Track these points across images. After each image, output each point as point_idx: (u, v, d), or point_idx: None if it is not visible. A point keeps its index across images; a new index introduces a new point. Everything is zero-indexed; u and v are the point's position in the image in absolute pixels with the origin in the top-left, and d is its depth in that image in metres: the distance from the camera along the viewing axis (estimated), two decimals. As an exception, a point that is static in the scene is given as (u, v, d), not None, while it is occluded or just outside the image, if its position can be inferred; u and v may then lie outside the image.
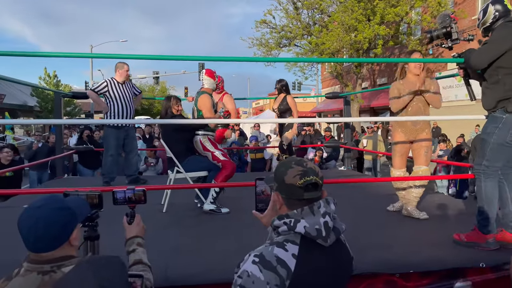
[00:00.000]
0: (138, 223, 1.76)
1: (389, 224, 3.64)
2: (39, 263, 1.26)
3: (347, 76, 20.66)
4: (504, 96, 2.74)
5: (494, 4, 2.85)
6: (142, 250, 1.67)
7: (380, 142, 9.43)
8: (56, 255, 1.27)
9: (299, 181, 1.29)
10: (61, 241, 1.28)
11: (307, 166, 1.33)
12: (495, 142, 2.78)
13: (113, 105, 5.18)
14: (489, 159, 2.82)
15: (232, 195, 4.56)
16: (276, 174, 1.37)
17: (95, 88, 5.28)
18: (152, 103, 38.22)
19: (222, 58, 3.86)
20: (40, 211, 1.28)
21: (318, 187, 1.32)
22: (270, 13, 17.54)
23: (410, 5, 15.10)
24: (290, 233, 1.28)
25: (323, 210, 1.29)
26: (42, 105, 24.91)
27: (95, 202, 1.73)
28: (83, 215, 1.45)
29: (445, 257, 2.70)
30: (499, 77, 2.77)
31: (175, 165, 4.15)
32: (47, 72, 25.55)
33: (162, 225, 3.57)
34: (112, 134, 5.22)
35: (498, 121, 2.78)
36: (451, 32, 3.25)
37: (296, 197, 1.31)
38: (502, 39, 2.72)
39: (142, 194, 1.81)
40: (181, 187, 4.27)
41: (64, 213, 1.30)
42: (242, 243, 3.10)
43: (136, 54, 3.61)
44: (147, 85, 39.81)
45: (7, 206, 5.02)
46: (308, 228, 1.25)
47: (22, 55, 3.44)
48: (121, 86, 5.26)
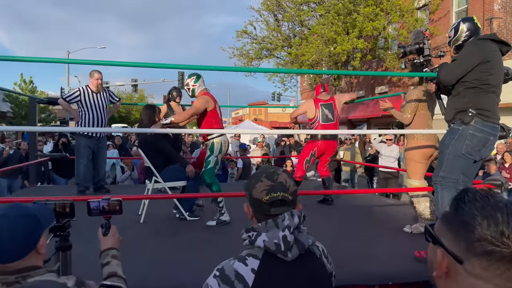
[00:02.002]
0: (113, 235, 1.68)
1: (368, 235, 3.66)
2: (4, 274, 1.19)
3: (326, 88, 20.95)
4: (462, 108, 2.81)
5: (465, 22, 2.95)
6: (116, 262, 1.61)
7: (357, 154, 9.54)
8: (21, 265, 1.21)
9: (265, 197, 1.26)
10: (28, 250, 1.22)
11: (277, 181, 1.28)
12: (451, 153, 2.84)
13: (85, 114, 5.09)
14: (445, 170, 2.87)
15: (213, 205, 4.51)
16: (247, 185, 1.34)
17: (66, 96, 5.18)
18: (129, 111, 37.68)
19: (202, 67, 3.78)
20: (3, 219, 1.21)
21: (287, 203, 1.28)
22: (252, 24, 17.68)
23: (388, 20, 15.51)
24: (254, 247, 1.25)
25: (286, 223, 1.24)
26: (15, 111, 24.19)
27: (66, 211, 1.65)
28: (49, 222, 1.39)
29: (425, 268, 2.72)
30: (459, 89, 2.85)
31: (153, 175, 4.08)
32: (23, 78, 24.92)
33: (139, 235, 3.48)
34: (82, 143, 5.13)
35: (455, 132, 2.85)
36: (424, 48, 3.36)
37: (263, 212, 1.28)
38: (470, 56, 2.78)
39: (118, 204, 1.73)
40: (159, 197, 4.20)
41: (29, 220, 1.24)
42: (221, 253, 3.05)
43: (115, 61, 3.48)
44: (125, 92, 39.27)
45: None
46: (267, 242, 1.21)
47: None
48: (95, 95, 5.16)
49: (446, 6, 15.19)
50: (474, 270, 0.69)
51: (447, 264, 0.73)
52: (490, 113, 2.78)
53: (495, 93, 2.82)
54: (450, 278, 0.73)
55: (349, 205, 5.02)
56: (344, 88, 19.94)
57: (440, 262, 0.74)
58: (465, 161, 2.82)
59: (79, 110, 5.14)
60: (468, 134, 2.78)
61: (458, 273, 0.71)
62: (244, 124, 20.62)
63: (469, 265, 0.69)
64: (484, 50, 2.76)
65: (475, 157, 2.84)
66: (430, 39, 3.42)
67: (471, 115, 2.76)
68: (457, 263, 0.70)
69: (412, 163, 3.74)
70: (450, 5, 15.19)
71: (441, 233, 0.75)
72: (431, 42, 3.43)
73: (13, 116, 24.47)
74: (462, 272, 0.70)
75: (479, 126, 2.77)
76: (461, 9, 14.78)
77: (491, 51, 2.77)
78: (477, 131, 2.77)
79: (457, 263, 0.70)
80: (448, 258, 0.72)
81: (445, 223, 0.76)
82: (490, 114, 2.77)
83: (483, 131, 2.78)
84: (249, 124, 19.93)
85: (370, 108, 18.61)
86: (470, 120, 2.77)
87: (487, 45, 2.79)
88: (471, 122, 2.77)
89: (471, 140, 2.78)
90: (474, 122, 2.77)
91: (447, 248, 0.72)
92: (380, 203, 5.32)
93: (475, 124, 2.77)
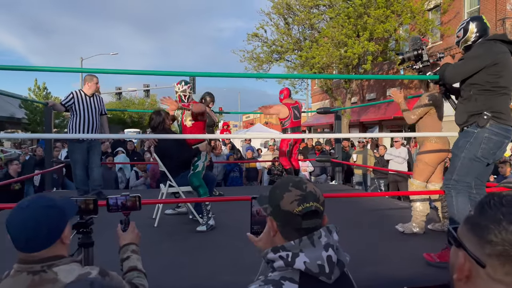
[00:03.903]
0: (132, 230, 1.72)
1: (381, 239, 3.65)
2: (30, 263, 1.23)
3: (337, 91, 20.85)
4: (476, 111, 2.78)
5: (474, 22, 2.91)
6: (136, 257, 1.64)
7: (370, 156, 9.49)
8: (47, 254, 1.25)
9: (296, 208, 1.12)
10: (53, 239, 1.26)
11: (307, 190, 1.15)
12: (466, 157, 2.80)
13: (77, 116, 5.05)
14: (459, 173, 2.83)
15: (226, 208, 4.55)
16: (271, 196, 1.19)
17: (62, 100, 5.16)
18: (142, 116, 38.01)
19: (213, 74, 3.85)
20: (28, 210, 1.25)
21: (319, 215, 1.15)
22: (263, 27, 17.73)
23: (399, 22, 15.41)
24: (288, 269, 1.09)
25: (325, 241, 1.10)
26: (30, 118, 24.60)
27: (90, 207, 1.69)
28: (72, 212, 1.42)
29: (438, 272, 2.71)
30: (471, 93, 2.82)
31: (168, 179, 4.13)
32: (37, 84, 25.33)
33: (153, 239, 3.53)
34: (75, 149, 5.11)
35: (470, 135, 2.81)
36: (422, 54, 3.36)
37: (293, 226, 1.13)
38: (477, 57, 2.77)
39: (136, 200, 1.77)
40: (173, 201, 4.24)
41: (53, 210, 1.28)
42: (234, 258, 3.09)
43: (128, 70, 3.59)
44: (137, 98, 39.66)
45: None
46: (309, 264, 1.06)
47: (12, 69, 3.39)
48: (89, 98, 5.14)
49: (458, 6, 15.05)
50: (496, 274, 0.68)
51: (469, 268, 0.72)
52: (505, 116, 2.75)
53: (508, 95, 2.79)
54: (471, 282, 0.72)
55: (360, 208, 5.00)
56: (355, 90, 19.86)
57: (462, 265, 0.74)
58: (480, 164, 2.80)
59: (71, 114, 5.12)
60: (484, 137, 2.75)
61: (479, 277, 0.71)
62: (255, 127, 20.63)
63: (491, 270, 0.69)
64: (491, 53, 2.73)
65: (489, 160, 2.82)
66: (427, 45, 3.43)
67: (487, 118, 2.74)
68: (479, 267, 0.70)
69: (423, 165, 3.78)
70: (462, 5, 15.05)
71: (464, 236, 0.75)
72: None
73: (28, 122, 24.89)
74: (483, 276, 0.70)
75: (494, 129, 2.75)
76: (473, 10, 14.63)
77: (499, 52, 2.74)
78: (492, 134, 2.75)
79: (479, 267, 0.70)
80: (470, 261, 0.72)
81: (468, 226, 0.75)
82: (504, 117, 2.75)
83: (498, 134, 2.75)
84: (260, 127, 19.94)
85: (382, 110, 18.50)
86: (486, 123, 2.74)
87: (495, 47, 2.76)
88: (487, 125, 2.75)
89: (487, 143, 2.75)
90: (489, 125, 2.75)
91: (469, 251, 0.72)
92: (392, 206, 5.29)
93: (490, 127, 2.75)
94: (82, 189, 5.20)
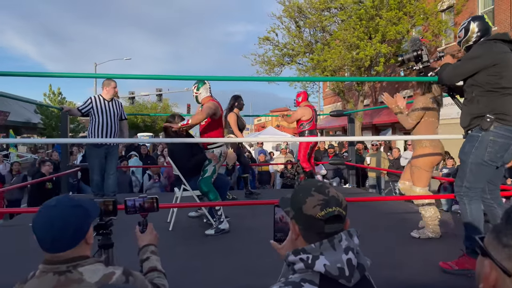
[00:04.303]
0: (151, 232, 1.73)
1: (397, 243, 3.61)
2: (55, 263, 1.24)
3: (349, 93, 20.75)
4: (478, 114, 2.71)
5: (475, 22, 2.84)
6: (156, 257, 1.65)
7: (384, 159, 9.41)
8: (72, 255, 1.26)
9: (319, 212, 1.12)
10: (78, 239, 1.27)
11: (330, 194, 1.16)
12: (473, 162, 2.72)
13: (96, 121, 5.06)
14: (469, 180, 2.75)
15: (240, 212, 4.56)
16: (293, 200, 1.20)
17: (80, 106, 5.20)
18: (154, 120, 38.37)
19: (225, 77, 3.95)
20: (55, 210, 1.26)
21: (341, 219, 1.15)
22: (274, 31, 17.76)
23: (411, 24, 15.28)
24: (308, 272, 1.11)
25: (345, 245, 1.11)
26: (45, 122, 25.01)
27: (110, 209, 1.70)
28: (96, 213, 1.43)
29: (456, 279, 2.67)
30: (473, 95, 2.76)
31: (182, 183, 4.15)
32: (52, 89, 25.75)
33: (168, 243, 3.55)
34: (92, 153, 5.11)
35: (475, 140, 2.73)
36: (422, 55, 3.33)
37: (315, 230, 1.14)
38: (476, 58, 2.71)
39: (154, 201, 1.79)
40: (188, 205, 4.26)
41: (79, 211, 1.29)
42: (248, 262, 3.09)
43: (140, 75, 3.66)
44: (150, 102, 40.06)
45: (12, 225, 5.02)
46: (329, 266, 1.08)
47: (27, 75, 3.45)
48: (108, 103, 5.15)
49: (472, 7, 14.87)
50: None
51: (495, 277, 0.71)
52: (509, 117, 2.67)
53: (511, 95, 2.71)
54: None
55: (375, 211, 4.96)
56: (367, 92, 19.74)
57: (488, 274, 0.73)
58: (489, 168, 2.73)
59: (90, 118, 5.13)
60: (489, 141, 2.68)
61: (505, 286, 0.70)
62: (267, 130, 20.63)
63: None
64: (491, 53, 2.67)
65: (497, 164, 2.74)
66: (427, 46, 3.39)
67: (490, 120, 2.66)
68: (506, 276, 0.69)
69: (419, 171, 3.74)
70: (476, 6, 14.86)
71: (490, 245, 0.74)
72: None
73: (43, 127, 25.31)
74: (510, 285, 0.69)
75: (499, 131, 2.67)
76: (487, 10, 14.44)
77: (500, 53, 2.67)
78: (497, 136, 2.67)
79: (505, 276, 0.69)
80: (497, 270, 0.71)
81: (494, 235, 0.74)
82: (509, 118, 2.67)
83: (504, 136, 2.67)
84: (272, 130, 19.92)
85: (395, 112, 18.31)
86: (489, 126, 2.67)
87: (495, 47, 2.69)
88: (491, 127, 2.67)
89: (493, 146, 2.67)
90: (493, 127, 2.67)
91: (496, 260, 0.71)
92: (408, 209, 5.22)
93: (494, 129, 2.67)
94: (99, 193, 5.22)
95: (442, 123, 3.79)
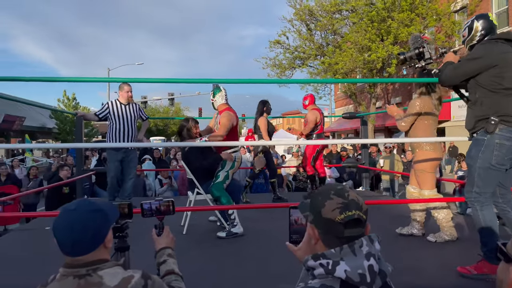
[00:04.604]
0: (167, 235, 1.74)
1: (413, 247, 3.57)
2: (76, 267, 1.25)
3: (361, 96, 20.64)
4: (482, 116, 2.66)
5: (479, 20, 2.79)
6: (173, 260, 1.66)
7: (397, 161, 9.32)
8: (91, 258, 1.27)
9: (338, 216, 1.10)
10: (98, 243, 1.28)
11: (349, 198, 1.14)
12: (481, 167, 2.66)
13: (114, 125, 5.11)
14: (479, 185, 2.69)
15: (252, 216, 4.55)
16: (312, 204, 1.19)
17: (97, 111, 5.25)
18: (167, 124, 38.66)
19: (236, 80, 4.03)
20: (75, 213, 1.28)
21: (361, 223, 1.13)
22: (284, 34, 17.77)
23: (424, 25, 15.15)
24: (328, 277, 1.08)
25: (366, 250, 1.09)
26: (60, 127, 25.39)
27: (125, 211, 1.71)
28: (115, 217, 1.44)
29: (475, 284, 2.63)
30: (476, 96, 2.70)
31: (196, 187, 4.17)
32: (66, 94, 26.14)
33: (182, 247, 3.55)
34: (111, 157, 5.15)
35: (480, 143, 2.67)
36: (424, 52, 3.29)
37: (335, 234, 1.12)
38: (476, 59, 2.67)
39: (170, 204, 1.79)
40: (201, 209, 4.28)
41: (98, 214, 1.30)
42: (262, 266, 3.08)
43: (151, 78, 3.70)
44: (162, 106, 40.39)
45: (28, 228, 5.09)
46: (350, 272, 1.05)
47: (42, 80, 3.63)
48: (124, 107, 5.17)
49: (485, 7, 14.69)
50: None
51: None
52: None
53: None
54: None
55: (390, 215, 4.91)
56: (380, 94, 19.60)
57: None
58: (497, 172, 2.66)
59: (108, 123, 5.17)
60: (495, 144, 2.61)
61: None
62: (278, 134, 20.61)
63: None
64: (492, 54, 2.62)
65: (506, 167, 2.68)
66: (429, 43, 3.36)
67: (494, 123, 2.59)
68: None
69: (424, 174, 3.73)
70: (489, 6, 14.69)
71: None
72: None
73: (58, 131, 25.69)
74: None
75: (505, 134, 2.60)
76: (501, 10, 14.26)
77: (501, 53, 2.62)
78: (504, 139, 2.60)
79: None
80: None
81: None
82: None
83: (510, 138, 2.60)
84: (283, 133, 19.89)
85: (408, 114, 18.13)
86: (494, 129, 2.60)
87: (497, 47, 2.64)
88: (496, 130, 2.60)
89: (500, 149, 2.60)
90: (498, 130, 2.60)
91: None
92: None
93: (500, 132, 2.60)
94: (114, 196, 5.26)
95: (457, 124, 3.77)
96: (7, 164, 8.97)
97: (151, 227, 1.76)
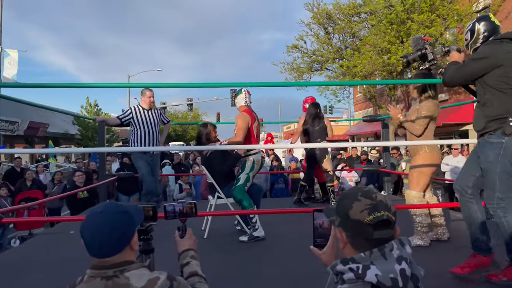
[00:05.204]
0: (190, 237, 1.75)
1: (438, 251, 3.49)
2: (103, 269, 1.27)
3: (381, 99, 20.40)
4: (496, 116, 2.58)
5: (480, 23, 2.74)
6: (196, 262, 1.67)
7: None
8: (118, 260, 1.29)
9: (367, 217, 1.08)
10: (124, 244, 1.30)
11: (377, 199, 1.12)
12: (503, 171, 2.55)
13: (137, 130, 5.17)
14: (501, 190, 2.57)
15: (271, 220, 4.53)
16: (339, 207, 1.17)
17: (120, 115, 5.31)
18: (185, 129, 39.06)
19: (253, 84, 4.11)
20: (102, 216, 1.30)
21: (391, 225, 1.11)
22: (302, 38, 17.74)
23: (445, 26, 14.89)
24: (358, 282, 1.06)
25: (397, 254, 1.07)
26: (82, 133, 25.96)
27: (150, 214, 1.73)
28: (140, 219, 1.47)
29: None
30: (486, 96, 2.63)
31: (216, 191, 4.18)
32: (88, 101, 26.73)
33: (204, 251, 3.56)
34: (139, 158, 5.18)
35: (498, 147, 2.57)
36: (427, 54, 3.24)
37: (364, 236, 1.10)
38: (480, 60, 2.61)
39: (193, 206, 1.80)
40: (222, 213, 4.29)
41: (125, 217, 1.32)
42: (285, 270, 3.06)
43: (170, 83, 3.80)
44: (181, 111, 40.84)
45: (53, 232, 5.20)
46: (381, 277, 1.03)
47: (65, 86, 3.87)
48: (147, 112, 5.23)
49: (508, 7, 14.35)
50: None
51: None
52: None
53: None
54: None
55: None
56: (400, 97, 19.34)
57: None
58: None
59: (132, 128, 5.25)
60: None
61: None
62: (297, 138, 20.50)
63: None
64: (496, 54, 2.56)
65: None
66: (430, 44, 3.31)
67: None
68: None
69: (420, 175, 3.67)
70: (513, 5, 14.34)
71: None
72: None
73: (80, 137, 26.27)
74: None
75: None
76: (526, 9, 13.88)
77: (505, 53, 2.55)
78: None
79: None
80: None
81: None
82: None
83: None
84: (302, 138, 19.75)
85: (429, 117, 17.80)
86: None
87: (501, 47, 2.58)
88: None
89: None
90: None
91: None
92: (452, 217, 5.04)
93: None
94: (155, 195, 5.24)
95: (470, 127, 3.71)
96: (32, 170, 9.21)
97: (174, 229, 1.77)
